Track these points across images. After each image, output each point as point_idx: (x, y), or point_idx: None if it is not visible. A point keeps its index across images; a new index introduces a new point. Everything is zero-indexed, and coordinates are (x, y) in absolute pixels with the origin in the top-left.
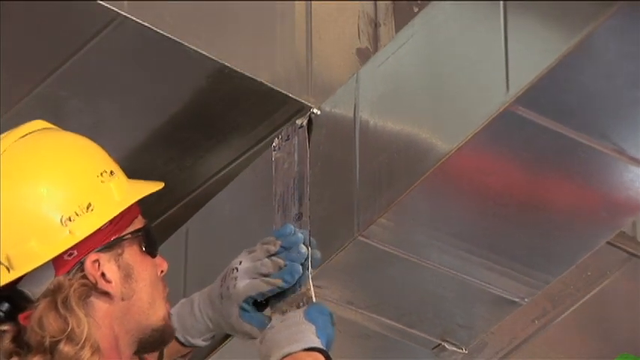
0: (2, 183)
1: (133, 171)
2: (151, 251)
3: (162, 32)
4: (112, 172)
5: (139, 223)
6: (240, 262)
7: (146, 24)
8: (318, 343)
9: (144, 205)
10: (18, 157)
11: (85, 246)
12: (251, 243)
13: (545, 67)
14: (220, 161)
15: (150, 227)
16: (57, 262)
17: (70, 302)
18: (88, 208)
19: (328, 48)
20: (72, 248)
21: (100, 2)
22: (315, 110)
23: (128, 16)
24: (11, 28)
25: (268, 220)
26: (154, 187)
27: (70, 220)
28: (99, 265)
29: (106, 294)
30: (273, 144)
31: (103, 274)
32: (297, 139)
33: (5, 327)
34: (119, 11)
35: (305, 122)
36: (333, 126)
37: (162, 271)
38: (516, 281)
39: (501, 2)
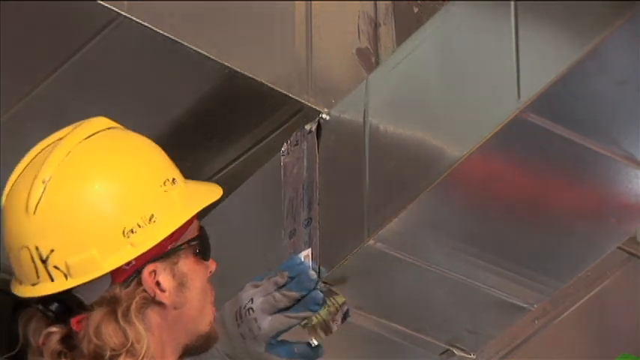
0: (66, 188)
1: None
2: (205, 257)
3: (162, 32)
4: (174, 180)
5: (195, 229)
6: (252, 300)
7: (146, 24)
8: None
9: None
10: (83, 162)
11: (143, 256)
12: (260, 248)
13: (556, 74)
14: (220, 161)
15: (205, 232)
16: (115, 270)
17: (130, 315)
18: (150, 219)
19: (328, 48)
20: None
21: (100, 2)
22: (324, 115)
23: (128, 16)
24: (11, 28)
25: (277, 225)
26: (213, 195)
27: (132, 232)
28: (155, 275)
29: (160, 304)
30: (282, 149)
31: (157, 283)
32: (306, 144)
33: (54, 328)
34: (119, 11)
35: (314, 127)
36: (342, 131)
37: (210, 272)
38: (525, 287)
39: (512, 9)
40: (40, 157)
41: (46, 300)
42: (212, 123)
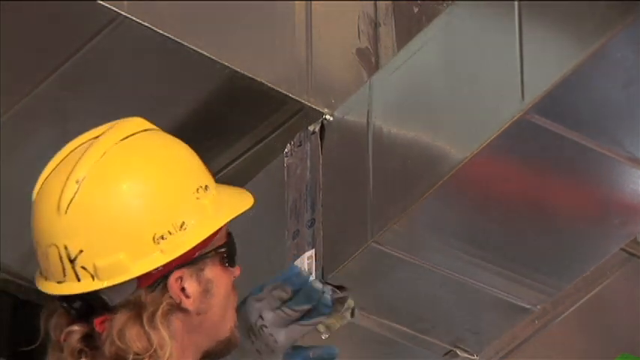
0: (100, 189)
1: None
2: (232, 263)
3: (162, 32)
4: (206, 187)
5: (223, 235)
6: (262, 317)
7: (146, 24)
8: None
9: None
10: (118, 164)
11: (170, 262)
12: (263, 249)
13: (560, 75)
14: (220, 161)
15: (232, 239)
16: (141, 274)
17: (156, 321)
18: (181, 227)
19: (328, 48)
20: None
21: (100, 2)
22: (327, 116)
23: (128, 16)
24: (11, 28)
25: (281, 226)
26: (244, 204)
27: (162, 238)
28: (181, 281)
29: (183, 310)
30: (286, 150)
31: (183, 289)
32: (309, 145)
33: (76, 327)
34: (119, 11)
35: (317, 128)
36: (346, 132)
37: (234, 277)
38: (528, 288)
39: (516, 10)
40: (75, 154)
41: (70, 298)
42: (212, 123)
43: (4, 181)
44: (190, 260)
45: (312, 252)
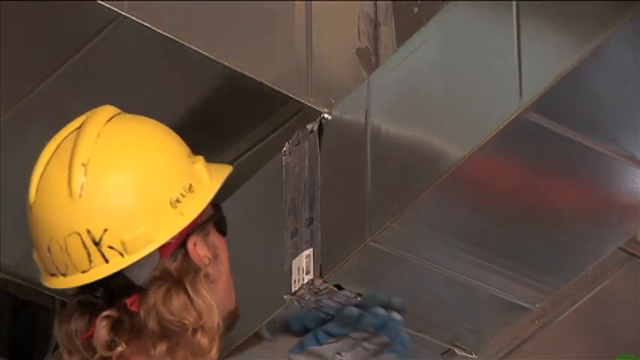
0: (109, 167)
1: None
2: (225, 231)
3: (162, 32)
4: (192, 154)
5: (209, 205)
6: (339, 354)
7: (146, 24)
8: None
9: None
10: (117, 141)
11: (183, 229)
12: (261, 248)
13: (558, 73)
14: (220, 161)
15: (221, 208)
16: (161, 246)
17: (199, 288)
18: (189, 189)
19: (328, 48)
20: None
21: (100, 2)
22: (325, 115)
23: (128, 16)
24: (11, 28)
25: (279, 225)
26: (225, 168)
27: (178, 201)
28: (196, 247)
29: (207, 276)
30: (284, 149)
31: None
32: (307, 144)
33: (102, 318)
34: (119, 11)
35: (316, 127)
36: (344, 131)
37: None
38: (526, 287)
39: (514, 9)
40: (65, 146)
41: (92, 287)
42: (212, 123)
43: (4, 181)
44: (197, 226)
45: (310, 251)
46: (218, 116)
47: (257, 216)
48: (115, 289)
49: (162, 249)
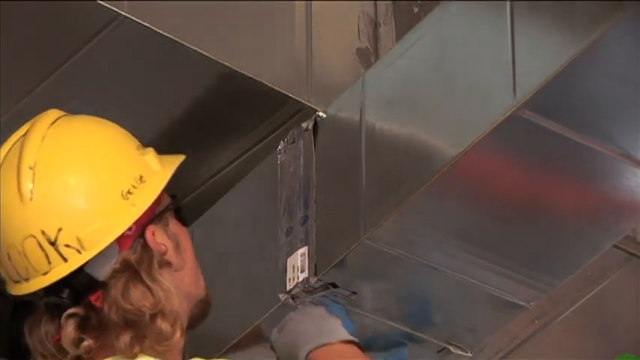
0: (56, 167)
1: None
2: (186, 221)
3: (162, 32)
4: (141, 146)
5: (166, 196)
6: None
7: (146, 24)
8: (350, 336)
9: None
10: (62, 141)
11: (139, 220)
12: (256, 246)
13: (552, 71)
14: (220, 161)
15: (178, 198)
16: (119, 239)
17: (155, 274)
18: (140, 179)
19: (328, 48)
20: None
21: (100, 2)
22: (320, 113)
23: (128, 16)
24: (11, 27)
25: (274, 224)
26: (177, 157)
27: (129, 192)
28: (154, 236)
29: (168, 264)
30: (279, 147)
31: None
32: (302, 142)
33: (68, 317)
34: (119, 11)
35: (311, 125)
36: (339, 129)
37: None
38: (522, 285)
39: (508, 6)
40: (11, 154)
41: (57, 288)
42: (212, 123)
43: None
44: (154, 217)
45: (305, 249)
46: (218, 116)
47: (252, 214)
48: (80, 288)
49: (121, 242)
